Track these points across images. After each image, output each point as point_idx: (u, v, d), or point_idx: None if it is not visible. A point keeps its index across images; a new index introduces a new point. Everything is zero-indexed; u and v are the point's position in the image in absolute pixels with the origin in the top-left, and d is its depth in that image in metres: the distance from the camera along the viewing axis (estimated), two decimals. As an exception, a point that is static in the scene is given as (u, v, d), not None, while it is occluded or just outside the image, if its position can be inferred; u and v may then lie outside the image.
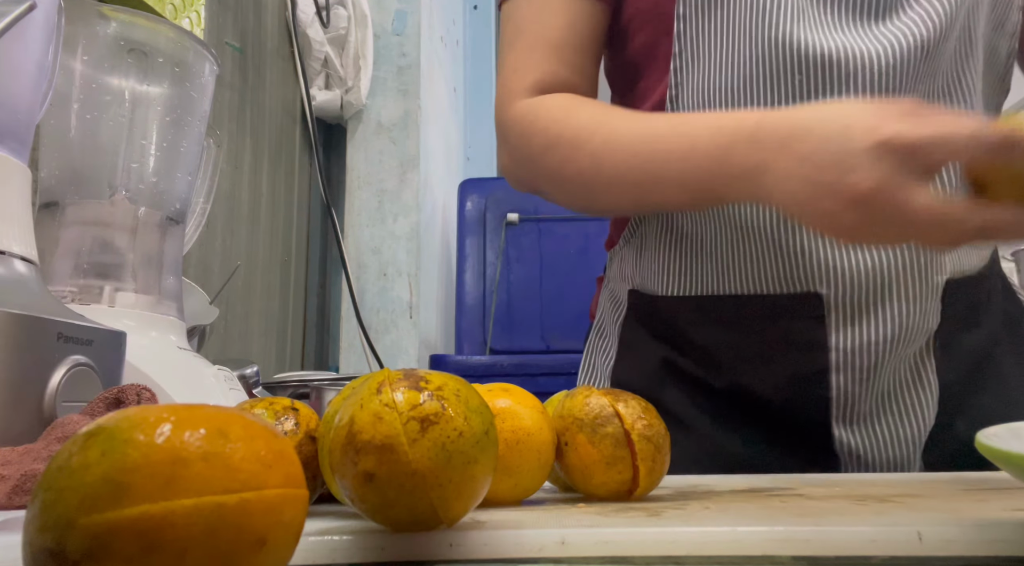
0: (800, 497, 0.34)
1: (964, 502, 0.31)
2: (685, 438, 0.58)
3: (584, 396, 0.36)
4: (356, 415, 0.24)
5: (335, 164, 1.70)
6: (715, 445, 0.59)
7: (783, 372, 0.57)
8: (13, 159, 0.49)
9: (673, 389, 0.61)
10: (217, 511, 0.17)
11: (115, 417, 0.18)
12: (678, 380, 0.61)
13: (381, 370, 0.26)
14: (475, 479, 0.25)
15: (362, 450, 0.23)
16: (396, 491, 0.23)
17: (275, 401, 0.33)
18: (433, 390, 0.25)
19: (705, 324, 0.60)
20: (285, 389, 0.94)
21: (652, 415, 0.36)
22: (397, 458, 0.23)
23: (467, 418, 0.25)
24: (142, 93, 0.65)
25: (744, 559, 0.23)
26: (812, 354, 0.56)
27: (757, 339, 0.58)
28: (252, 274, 1.30)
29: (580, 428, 0.35)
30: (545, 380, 1.43)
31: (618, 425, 0.34)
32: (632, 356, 0.64)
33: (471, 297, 1.64)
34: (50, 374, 0.44)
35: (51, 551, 0.16)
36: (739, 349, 0.59)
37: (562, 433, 0.35)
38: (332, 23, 1.55)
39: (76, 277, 0.60)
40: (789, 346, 0.57)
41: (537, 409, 0.35)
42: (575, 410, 0.35)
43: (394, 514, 0.24)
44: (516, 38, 0.63)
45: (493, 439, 0.26)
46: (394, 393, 0.24)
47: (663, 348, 0.62)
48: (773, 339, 0.57)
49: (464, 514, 0.25)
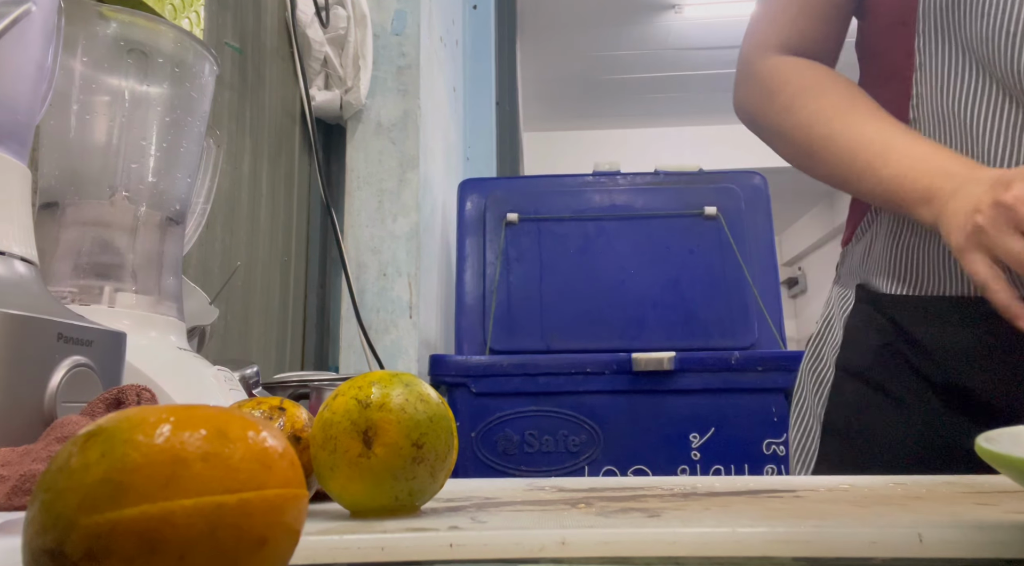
0: (800, 498, 0.34)
1: (964, 504, 0.31)
2: (906, 420, 0.61)
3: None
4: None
5: (335, 164, 1.70)
6: (933, 428, 0.60)
7: (1000, 375, 0.58)
8: (13, 159, 0.49)
9: (895, 375, 0.63)
10: (217, 511, 0.17)
11: (115, 417, 0.18)
12: (900, 369, 0.63)
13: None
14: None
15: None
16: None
17: (263, 401, 0.33)
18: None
19: (926, 323, 0.62)
20: (285, 389, 0.94)
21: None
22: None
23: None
24: (142, 93, 0.65)
25: (744, 559, 0.23)
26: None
27: (974, 341, 0.59)
28: (252, 274, 1.30)
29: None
30: (545, 380, 1.43)
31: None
32: (857, 344, 0.67)
33: (471, 297, 1.65)
34: (50, 374, 0.44)
35: (51, 551, 0.16)
36: (956, 350, 0.60)
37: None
38: (332, 23, 1.55)
39: (76, 277, 0.60)
40: (1006, 350, 0.58)
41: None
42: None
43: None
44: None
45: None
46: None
47: (887, 338, 0.64)
48: (990, 342, 0.59)
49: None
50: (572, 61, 4.34)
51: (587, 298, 1.59)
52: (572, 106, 4.89)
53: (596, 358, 1.43)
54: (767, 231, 1.64)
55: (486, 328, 1.60)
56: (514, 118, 2.81)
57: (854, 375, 0.66)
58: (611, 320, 1.57)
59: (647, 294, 1.58)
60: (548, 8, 3.78)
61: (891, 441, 0.62)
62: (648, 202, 1.67)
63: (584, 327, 1.56)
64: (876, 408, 0.63)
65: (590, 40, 4.13)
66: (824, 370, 0.69)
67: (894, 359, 0.64)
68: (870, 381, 0.65)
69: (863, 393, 0.65)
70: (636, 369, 1.41)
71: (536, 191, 1.71)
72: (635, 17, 3.93)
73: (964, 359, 0.60)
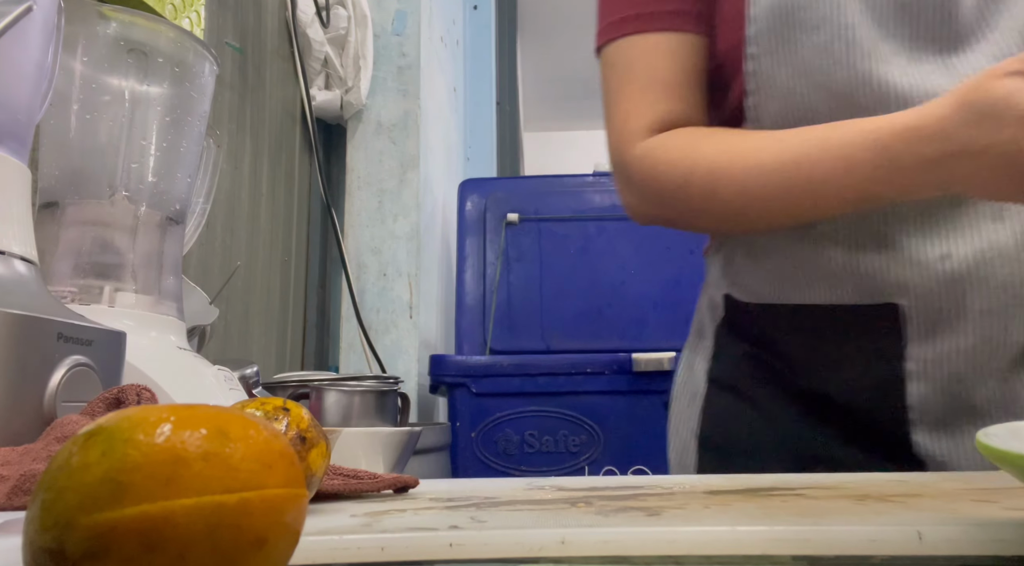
0: (800, 497, 0.34)
1: (964, 502, 0.31)
2: (773, 433, 0.61)
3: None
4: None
5: (335, 164, 1.70)
6: (799, 441, 0.60)
7: (860, 380, 0.58)
8: (13, 159, 0.49)
9: (761, 386, 0.63)
10: (217, 511, 0.17)
11: (115, 417, 0.18)
12: (766, 378, 0.63)
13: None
14: None
15: None
16: None
17: (267, 401, 0.33)
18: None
19: (787, 331, 0.62)
20: (285, 389, 0.94)
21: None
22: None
23: None
24: (142, 93, 0.65)
25: (744, 559, 0.23)
26: (890, 363, 0.57)
27: (835, 348, 0.59)
28: (252, 274, 1.30)
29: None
30: (545, 380, 1.43)
31: None
32: (727, 356, 0.66)
33: (471, 297, 1.64)
34: (50, 374, 0.44)
35: (51, 551, 0.16)
36: (818, 356, 0.60)
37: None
38: (332, 23, 1.55)
39: (76, 277, 0.60)
40: (867, 355, 0.58)
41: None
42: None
43: None
44: (626, 81, 0.64)
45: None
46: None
47: (753, 348, 0.64)
48: (851, 348, 0.58)
49: None
50: (572, 61, 4.33)
51: (587, 298, 1.59)
52: (572, 106, 4.89)
53: (596, 358, 1.43)
54: (767, 231, 1.64)
55: (486, 328, 1.60)
56: (514, 118, 2.81)
57: (723, 388, 0.66)
58: (611, 320, 1.57)
59: (647, 294, 1.58)
60: (548, 8, 3.78)
61: (761, 452, 0.62)
62: (648, 202, 1.67)
63: (584, 327, 1.57)
64: (745, 419, 0.63)
65: (590, 40, 4.12)
66: (697, 383, 0.68)
67: (759, 369, 0.63)
68: (739, 392, 0.64)
69: (732, 405, 0.64)
70: (636, 369, 1.41)
71: (536, 191, 1.71)
72: (635, 17, 3.92)
73: (823, 365, 0.60)
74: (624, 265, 1.61)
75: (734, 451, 0.64)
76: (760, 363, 0.64)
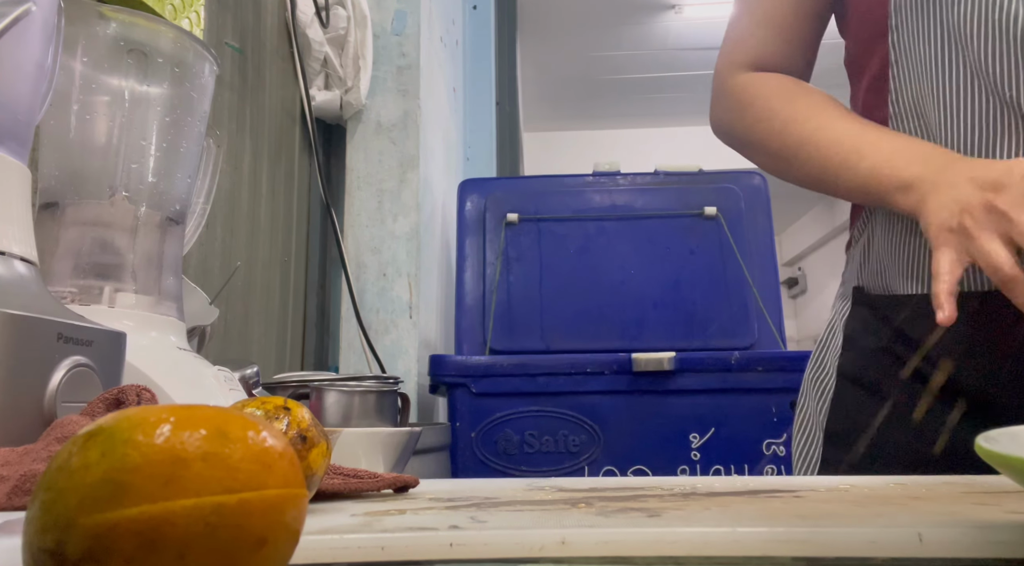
0: (800, 498, 0.34)
1: (964, 504, 0.31)
2: (902, 426, 0.61)
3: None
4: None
5: (335, 164, 1.70)
6: (927, 433, 0.60)
7: (996, 371, 0.58)
8: (13, 159, 0.49)
9: (892, 379, 0.63)
10: (217, 511, 0.17)
11: (115, 417, 0.18)
12: (897, 371, 0.63)
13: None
14: None
15: None
16: None
17: (268, 400, 0.33)
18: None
19: (918, 322, 0.62)
20: (285, 389, 0.94)
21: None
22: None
23: None
24: (142, 93, 0.65)
25: (744, 559, 0.23)
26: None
27: (968, 337, 0.59)
28: (252, 274, 1.30)
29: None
30: (545, 380, 1.43)
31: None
32: (855, 349, 0.67)
33: (471, 297, 1.64)
34: (50, 374, 0.44)
35: (51, 551, 0.16)
36: (951, 346, 0.59)
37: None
38: (332, 23, 1.55)
39: (76, 277, 0.60)
40: (1003, 344, 0.58)
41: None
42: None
43: None
44: (747, 10, 0.72)
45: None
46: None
47: (883, 341, 0.65)
48: (983, 337, 0.58)
49: None
50: (572, 61, 4.34)
51: (587, 298, 1.59)
52: (572, 106, 4.89)
53: (596, 358, 1.43)
54: (767, 231, 1.64)
55: (486, 328, 1.59)
56: (514, 118, 2.81)
57: (853, 381, 0.66)
58: (611, 320, 1.57)
59: (647, 294, 1.58)
60: (548, 8, 3.78)
61: (890, 445, 0.62)
62: (648, 202, 1.67)
63: (584, 327, 1.56)
64: (875, 412, 0.64)
65: (590, 40, 4.13)
66: (826, 378, 0.69)
67: (890, 361, 0.64)
68: (868, 385, 0.65)
69: (862, 398, 0.65)
70: (636, 369, 1.41)
71: (536, 191, 1.71)
72: (635, 17, 3.93)
73: (956, 356, 0.59)
74: (624, 265, 1.61)
75: (860, 443, 0.64)
76: (890, 354, 0.64)
